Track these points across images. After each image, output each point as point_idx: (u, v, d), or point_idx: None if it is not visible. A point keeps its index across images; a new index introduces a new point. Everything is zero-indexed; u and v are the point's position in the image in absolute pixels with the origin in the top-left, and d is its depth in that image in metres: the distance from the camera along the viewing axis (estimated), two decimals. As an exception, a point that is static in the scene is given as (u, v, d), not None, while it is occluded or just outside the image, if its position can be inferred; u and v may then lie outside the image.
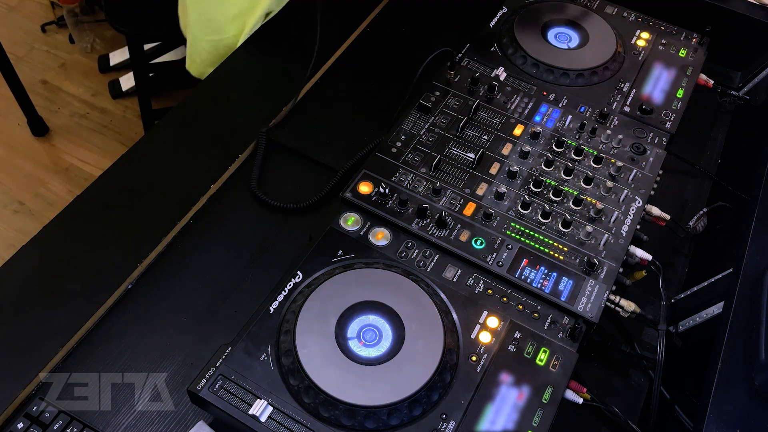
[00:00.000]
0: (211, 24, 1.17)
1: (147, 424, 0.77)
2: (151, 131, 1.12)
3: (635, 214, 0.89)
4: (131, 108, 2.23)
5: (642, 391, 0.85)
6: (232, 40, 1.20)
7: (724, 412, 0.66)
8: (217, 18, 1.16)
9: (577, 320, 0.77)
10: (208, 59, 1.22)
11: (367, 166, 0.91)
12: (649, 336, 0.90)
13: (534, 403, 0.72)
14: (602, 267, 0.83)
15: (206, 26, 1.18)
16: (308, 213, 0.98)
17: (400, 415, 0.69)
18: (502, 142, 0.95)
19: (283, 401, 0.69)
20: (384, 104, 1.06)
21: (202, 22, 1.18)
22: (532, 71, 1.04)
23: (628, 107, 1.01)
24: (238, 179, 1.01)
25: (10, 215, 1.95)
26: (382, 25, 1.27)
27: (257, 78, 1.18)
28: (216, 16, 1.16)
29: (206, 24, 1.18)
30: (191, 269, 0.91)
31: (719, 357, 0.69)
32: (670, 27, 1.14)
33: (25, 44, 2.41)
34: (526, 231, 0.86)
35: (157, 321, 0.86)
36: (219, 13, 1.16)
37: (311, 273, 0.79)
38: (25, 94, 2.04)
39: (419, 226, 0.85)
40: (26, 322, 0.84)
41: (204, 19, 1.17)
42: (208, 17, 1.17)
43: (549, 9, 1.12)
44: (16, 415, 0.76)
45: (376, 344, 0.74)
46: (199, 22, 1.18)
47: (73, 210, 0.95)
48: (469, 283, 0.81)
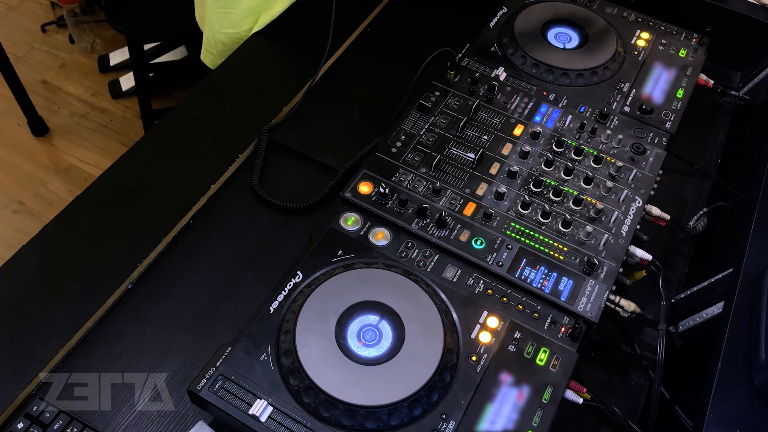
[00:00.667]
0: (229, 17, 1.20)
1: (147, 424, 0.77)
2: (151, 131, 1.12)
3: (635, 214, 0.89)
4: (131, 108, 2.23)
5: (642, 391, 0.85)
6: (245, 35, 1.22)
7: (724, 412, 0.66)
8: (235, 11, 1.19)
9: (577, 320, 0.78)
10: (223, 51, 1.24)
11: (367, 166, 0.91)
12: (649, 336, 0.90)
13: (534, 403, 0.72)
14: (602, 267, 0.83)
15: (224, 19, 1.21)
16: (308, 213, 0.98)
17: (400, 415, 0.69)
18: (502, 142, 0.95)
19: (283, 401, 0.69)
20: (384, 104, 1.06)
21: (220, 14, 1.20)
22: (532, 71, 1.04)
23: (628, 107, 1.01)
24: (238, 179, 1.02)
25: (10, 215, 1.95)
26: (382, 25, 1.27)
27: (257, 78, 1.18)
28: (234, 10, 1.18)
29: (224, 16, 1.21)
30: (191, 269, 0.91)
31: (719, 357, 0.69)
32: (670, 27, 1.14)
33: (25, 44, 2.41)
34: (526, 231, 0.86)
35: (157, 321, 0.86)
36: (237, 6, 1.18)
37: (311, 273, 0.79)
38: (25, 94, 2.04)
39: (419, 226, 0.85)
40: (26, 322, 0.84)
41: (222, 12, 1.20)
42: (227, 10, 1.19)
43: (549, 9, 1.12)
44: (16, 415, 0.77)
45: (376, 344, 0.74)
46: (218, 14, 1.20)
47: (73, 210, 0.95)
48: (469, 283, 0.81)
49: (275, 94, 1.12)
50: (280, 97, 1.11)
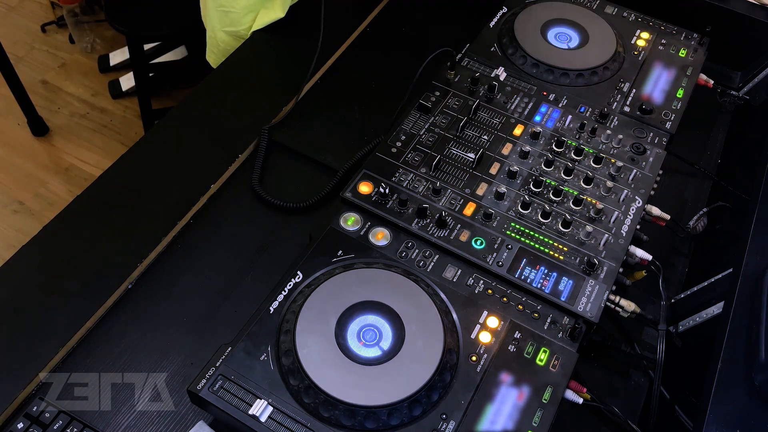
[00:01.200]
0: (228, 15, 1.21)
1: (147, 424, 0.77)
2: (151, 131, 1.12)
3: (635, 214, 0.89)
4: (131, 108, 2.23)
5: (642, 391, 0.85)
6: (246, 33, 1.22)
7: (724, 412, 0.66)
8: (233, 10, 1.19)
9: (577, 320, 0.77)
10: (225, 50, 1.24)
11: (367, 166, 0.91)
12: (649, 336, 0.90)
13: (534, 403, 0.72)
14: (602, 267, 0.83)
15: (223, 18, 1.21)
16: (308, 213, 0.98)
17: (400, 415, 0.69)
18: (502, 142, 0.95)
19: (283, 401, 0.69)
20: (384, 104, 1.05)
21: (219, 14, 1.21)
22: (532, 71, 1.04)
23: (628, 107, 1.01)
24: (238, 179, 1.02)
25: (10, 215, 1.95)
26: (382, 25, 1.27)
27: (257, 78, 1.18)
28: (232, 8, 1.19)
29: (224, 15, 1.21)
30: (191, 269, 0.91)
31: (719, 357, 0.69)
32: (670, 27, 1.14)
33: (25, 44, 2.41)
34: (526, 231, 0.86)
35: (157, 321, 0.86)
36: (236, 4, 1.18)
37: (311, 273, 0.79)
38: (25, 94, 2.04)
39: (419, 226, 0.85)
40: (26, 322, 0.84)
41: (221, 11, 1.21)
42: (225, 9, 1.20)
43: (549, 9, 1.12)
44: (16, 415, 0.76)
45: (376, 344, 0.74)
46: (217, 14, 1.21)
47: (73, 210, 0.95)
48: (469, 283, 0.81)
49: (275, 94, 1.12)
50: (280, 97, 1.11)
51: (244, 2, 1.19)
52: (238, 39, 1.23)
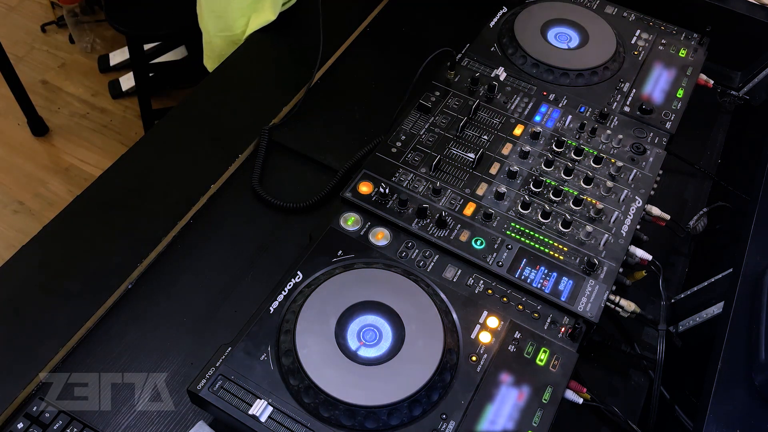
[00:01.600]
0: (222, 20, 1.21)
1: (147, 424, 0.77)
2: (151, 131, 1.12)
3: (635, 214, 0.89)
4: (131, 108, 2.23)
5: (642, 391, 0.85)
6: (240, 37, 1.22)
7: (724, 412, 0.66)
8: (227, 14, 1.19)
9: (577, 320, 0.78)
10: (221, 55, 1.24)
11: (367, 166, 0.91)
12: (649, 336, 0.90)
13: (534, 403, 0.72)
14: (602, 267, 0.83)
15: (217, 22, 1.21)
16: (308, 213, 0.98)
17: (400, 415, 0.69)
18: (502, 142, 0.95)
19: (283, 401, 0.69)
20: (384, 104, 1.05)
21: (213, 18, 1.21)
22: (532, 71, 1.04)
23: (628, 107, 1.01)
24: (238, 179, 1.02)
25: (10, 215, 1.95)
26: (382, 25, 1.27)
27: (257, 78, 1.18)
28: (225, 13, 1.19)
29: (217, 20, 1.21)
30: (191, 269, 0.91)
31: (719, 357, 0.69)
32: (670, 27, 1.14)
33: (25, 44, 2.41)
34: (526, 231, 0.86)
35: (157, 321, 0.86)
36: (228, 9, 1.18)
37: (311, 273, 0.79)
38: (25, 94, 2.04)
39: (419, 226, 0.85)
40: (26, 322, 0.84)
41: (215, 16, 1.21)
42: (219, 14, 1.20)
43: (549, 9, 1.12)
44: (16, 415, 0.77)
45: (376, 344, 0.74)
46: (211, 18, 1.21)
47: (73, 210, 0.95)
48: (469, 283, 0.81)
49: (275, 94, 1.12)
50: (280, 97, 1.11)
51: (236, 6, 1.19)
52: (233, 44, 1.23)
